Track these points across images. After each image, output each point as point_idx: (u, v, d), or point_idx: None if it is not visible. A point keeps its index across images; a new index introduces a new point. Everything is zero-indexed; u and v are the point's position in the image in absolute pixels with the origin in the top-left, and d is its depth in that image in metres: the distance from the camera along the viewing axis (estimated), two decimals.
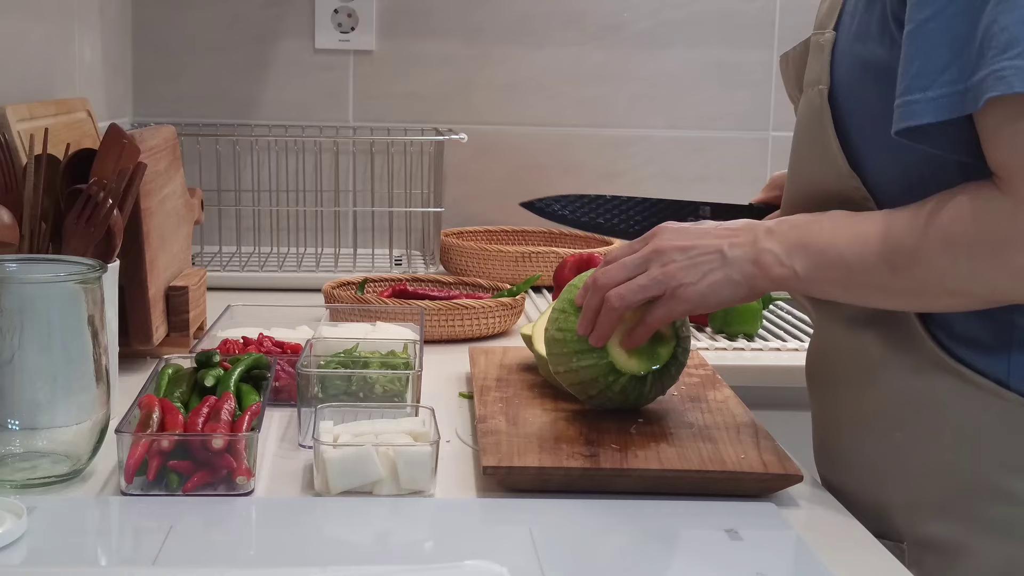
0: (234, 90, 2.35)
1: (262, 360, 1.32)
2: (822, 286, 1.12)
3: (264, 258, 2.20)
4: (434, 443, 1.10)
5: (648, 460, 1.14)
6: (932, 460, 1.10)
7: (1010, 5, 0.96)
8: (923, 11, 1.01)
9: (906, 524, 1.12)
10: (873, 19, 1.09)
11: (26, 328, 1.07)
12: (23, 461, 1.08)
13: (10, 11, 1.62)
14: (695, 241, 1.16)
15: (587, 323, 1.21)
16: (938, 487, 1.10)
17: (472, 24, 2.37)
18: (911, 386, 1.11)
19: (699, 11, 2.40)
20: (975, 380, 1.07)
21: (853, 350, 1.16)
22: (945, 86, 0.99)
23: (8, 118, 1.43)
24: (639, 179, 2.43)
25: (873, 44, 1.09)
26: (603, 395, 1.24)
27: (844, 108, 1.14)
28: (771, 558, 1.00)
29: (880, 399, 1.14)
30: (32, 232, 1.29)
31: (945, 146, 1.03)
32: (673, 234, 1.17)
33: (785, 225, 1.13)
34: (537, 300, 2.06)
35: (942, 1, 1.00)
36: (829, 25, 1.16)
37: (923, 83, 1.00)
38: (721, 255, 1.14)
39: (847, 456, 1.19)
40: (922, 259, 1.04)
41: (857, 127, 1.13)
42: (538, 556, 0.97)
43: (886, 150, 1.07)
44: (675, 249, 1.16)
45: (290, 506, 1.08)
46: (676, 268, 1.15)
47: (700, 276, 1.14)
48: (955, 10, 0.99)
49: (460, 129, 2.24)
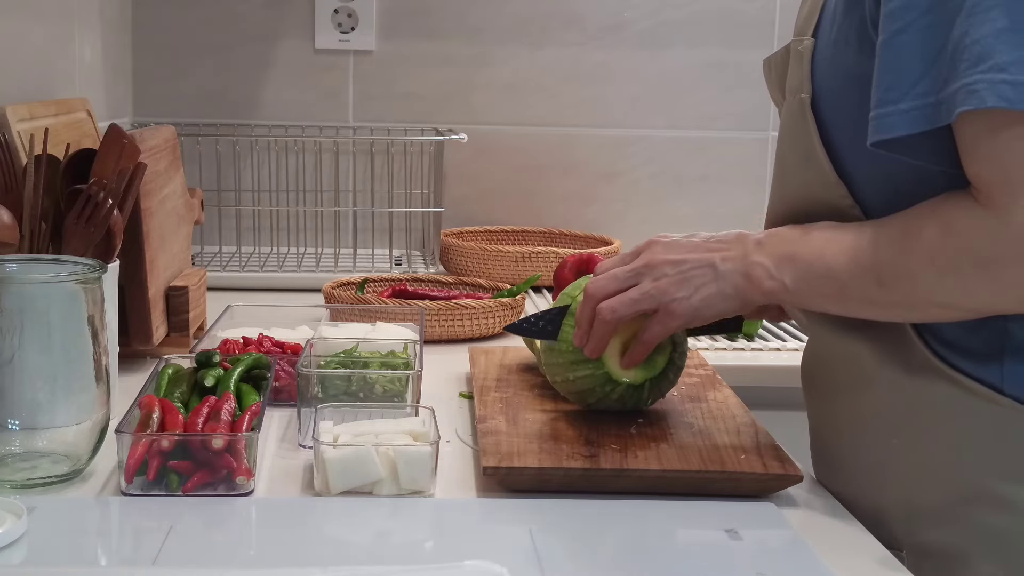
0: (234, 90, 2.35)
1: (262, 360, 1.32)
2: (813, 299, 1.13)
3: (264, 258, 2.20)
4: (434, 443, 1.10)
5: (648, 460, 1.14)
6: (928, 467, 1.10)
7: (981, 19, 0.96)
8: (895, 23, 1.00)
9: (903, 531, 1.12)
10: (852, 26, 1.08)
11: (26, 328, 1.07)
12: (23, 461, 1.08)
13: (10, 11, 1.62)
14: (686, 255, 1.16)
15: (582, 334, 1.21)
16: (934, 494, 1.10)
17: (472, 24, 2.37)
18: (905, 393, 1.11)
19: (699, 11, 2.40)
20: (969, 386, 1.07)
21: (846, 357, 1.16)
22: (917, 99, 0.99)
23: (8, 118, 1.43)
24: (639, 179, 2.43)
25: (852, 52, 1.08)
26: (601, 403, 1.25)
27: (827, 116, 1.13)
28: (771, 558, 1.00)
29: (875, 406, 1.14)
30: (32, 232, 1.29)
31: (924, 156, 1.03)
32: (664, 248, 1.17)
33: (775, 238, 1.14)
34: (537, 300, 2.06)
35: (914, 13, 0.99)
36: (808, 31, 1.15)
37: (895, 96, 1.00)
38: (713, 269, 1.14)
39: (844, 463, 1.19)
40: (908, 275, 1.04)
41: (841, 135, 1.12)
42: (538, 556, 0.97)
43: (871, 158, 1.06)
44: (667, 263, 1.16)
45: (290, 506, 1.08)
46: (668, 283, 1.15)
47: (693, 290, 1.15)
48: (927, 23, 0.99)
49: (460, 129, 2.24)
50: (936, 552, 1.10)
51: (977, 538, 1.08)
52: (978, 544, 1.08)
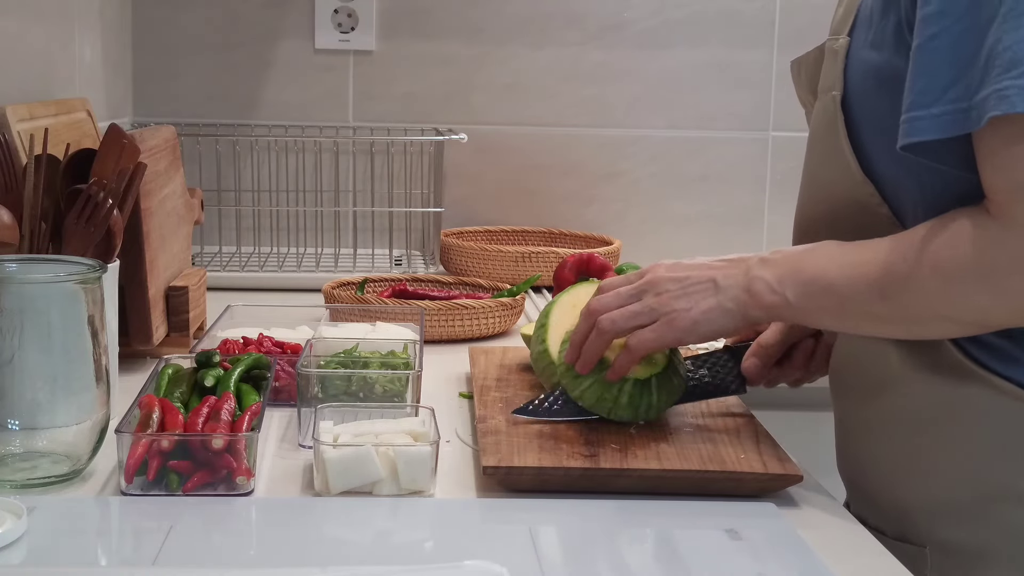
0: (234, 90, 2.35)
1: (262, 360, 1.32)
2: (814, 314, 1.13)
3: (264, 258, 2.20)
4: (434, 443, 1.10)
5: (648, 460, 1.14)
6: (955, 465, 1.10)
7: (1014, 25, 0.96)
8: (930, 28, 1.01)
9: (928, 528, 1.12)
10: (888, 28, 1.08)
11: (26, 328, 1.07)
12: (23, 461, 1.08)
13: (10, 11, 1.62)
14: (689, 272, 1.17)
15: (574, 350, 1.21)
16: (961, 492, 1.10)
17: (472, 24, 2.37)
18: (934, 390, 1.11)
19: (699, 11, 2.40)
20: (998, 385, 1.07)
21: (876, 355, 1.16)
22: (949, 104, 0.99)
23: (8, 118, 1.43)
24: (639, 179, 2.43)
25: (888, 53, 1.08)
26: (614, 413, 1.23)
27: (857, 115, 1.14)
28: (771, 558, 1.00)
29: (903, 403, 1.14)
30: (32, 232, 1.29)
31: (951, 161, 1.03)
32: (668, 267, 1.19)
33: (778, 255, 1.15)
34: (537, 300, 2.06)
35: (949, 19, 0.99)
36: (844, 31, 1.15)
37: (927, 100, 1.00)
38: (714, 283, 1.15)
39: (870, 459, 1.19)
40: (913, 286, 1.04)
41: (870, 134, 1.13)
42: (538, 556, 0.97)
43: (899, 158, 1.06)
44: (669, 280, 1.17)
45: (290, 506, 1.08)
46: (669, 297, 1.16)
47: (693, 304, 1.15)
48: (961, 28, 0.99)
49: (460, 129, 2.24)
50: (960, 550, 1.10)
51: (1002, 536, 1.08)
52: (1002, 542, 1.08)
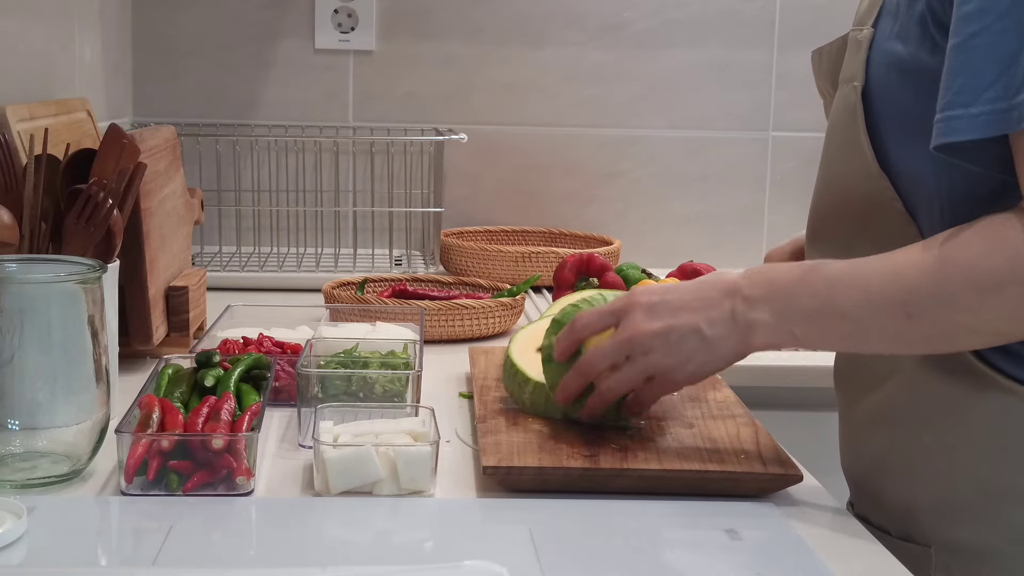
0: (234, 90, 2.35)
1: (262, 360, 1.32)
2: (826, 343, 1.11)
3: (264, 258, 2.20)
4: (434, 443, 1.10)
5: (648, 460, 1.14)
6: (960, 464, 1.10)
7: None
8: (970, 26, 0.99)
9: (933, 528, 1.12)
10: (913, 20, 1.07)
11: (26, 328, 1.07)
12: (23, 461, 1.08)
13: (10, 11, 1.62)
14: (670, 321, 1.11)
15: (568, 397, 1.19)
16: (966, 491, 1.10)
17: (472, 24, 2.37)
18: (939, 389, 1.10)
19: (699, 11, 2.40)
20: (1005, 384, 1.06)
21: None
22: (988, 103, 0.97)
23: (8, 118, 1.43)
24: (639, 179, 2.43)
25: (913, 46, 1.07)
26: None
27: (878, 107, 1.12)
28: (771, 558, 1.00)
29: (908, 402, 1.13)
30: (32, 232, 1.29)
31: (985, 163, 1.01)
32: (645, 314, 1.12)
33: (761, 286, 1.09)
34: (537, 300, 2.06)
35: (990, 17, 0.98)
36: (868, 22, 1.14)
37: (966, 99, 0.98)
38: (699, 336, 1.11)
39: (875, 458, 1.19)
40: (944, 301, 1.01)
41: (889, 127, 1.11)
42: (538, 556, 0.97)
43: (919, 154, 1.05)
44: (650, 335, 1.12)
45: (290, 506, 1.08)
46: (659, 357, 1.12)
47: (685, 359, 1.12)
48: (1003, 27, 0.97)
49: (460, 129, 2.24)
50: (965, 549, 1.10)
51: (1008, 536, 1.08)
52: (1009, 543, 1.07)
